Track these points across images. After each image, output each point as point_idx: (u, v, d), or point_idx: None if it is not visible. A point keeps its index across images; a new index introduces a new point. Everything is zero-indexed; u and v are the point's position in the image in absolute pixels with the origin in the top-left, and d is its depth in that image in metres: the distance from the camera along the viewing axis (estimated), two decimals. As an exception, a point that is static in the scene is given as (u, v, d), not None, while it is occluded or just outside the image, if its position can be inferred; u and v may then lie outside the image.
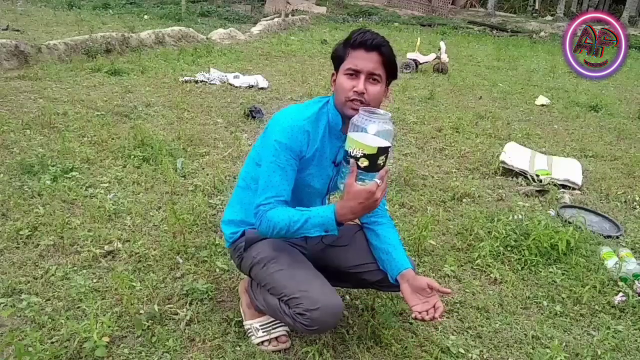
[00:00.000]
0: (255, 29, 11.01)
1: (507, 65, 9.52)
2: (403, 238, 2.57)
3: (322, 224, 1.51)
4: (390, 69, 1.58)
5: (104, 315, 1.84)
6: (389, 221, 1.82)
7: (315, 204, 1.75)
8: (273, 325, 1.80)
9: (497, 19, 20.27)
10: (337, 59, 1.60)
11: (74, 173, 3.03)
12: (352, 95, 1.53)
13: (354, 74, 1.54)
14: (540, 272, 2.45)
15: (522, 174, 3.70)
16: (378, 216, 1.80)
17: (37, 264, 2.17)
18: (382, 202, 1.80)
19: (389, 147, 1.45)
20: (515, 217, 2.85)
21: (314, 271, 1.67)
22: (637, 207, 3.41)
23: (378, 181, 1.45)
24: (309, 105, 1.66)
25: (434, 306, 1.59)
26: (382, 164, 1.45)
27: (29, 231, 2.38)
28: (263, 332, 1.80)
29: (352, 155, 1.43)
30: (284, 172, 1.58)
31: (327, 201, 1.86)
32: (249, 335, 1.82)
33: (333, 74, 1.63)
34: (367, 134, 1.42)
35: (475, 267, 2.48)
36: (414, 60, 7.85)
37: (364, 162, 1.43)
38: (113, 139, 3.65)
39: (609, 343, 2.00)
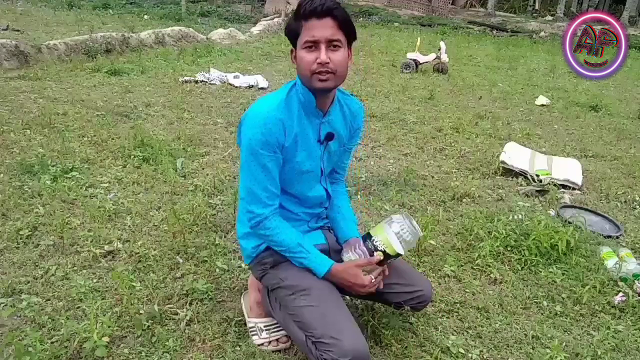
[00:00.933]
0: (255, 29, 11.02)
1: (507, 65, 9.51)
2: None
3: (312, 269, 1.62)
4: (348, 31, 1.50)
5: (104, 315, 1.84)
6: (343, 188, 1.89)
7: (314, 190, 1.72)
8: (276, 327, 1.80)
9: (497, 19, 20.25)
10: (292, 34, 1.52)
11: (74, 173, 3.03)
12: (316, 68, 1.47)
13: (313, 45, 1.46)
14: (540, 272, 2.45)
15: (522, 174, 3.70)
16: (337, 180, 1.87)
17: (37, 264, 2.17)
18: (342, 168, 1.87)
19: (401, 255, 1.61)
20: (515, 217, 2.85)
21: (345, 311, 1.58)
22: (637, 207, 3.41)
23: (373, 278, 1.60)
24: (276, 94, 1.61)
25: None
26: (388, 264, 1.63)
27: (29, 231, 2.38)
28: (267, 333, 1.80)
29: (374, 244, 1.58)
30: (267, 171, 1.56)
31: (325, 183, 1.77)
32: (251, 333, 1.82)
33: (292, 51, 1.55)
34: (396, 237, 1.56)
35: (475, 267, 2.47)
36: (414, 60, 7.84)
37: (379, 256, 1.58)
38: (113, 139, 3.66)
39: (609, 343, 2.00)
